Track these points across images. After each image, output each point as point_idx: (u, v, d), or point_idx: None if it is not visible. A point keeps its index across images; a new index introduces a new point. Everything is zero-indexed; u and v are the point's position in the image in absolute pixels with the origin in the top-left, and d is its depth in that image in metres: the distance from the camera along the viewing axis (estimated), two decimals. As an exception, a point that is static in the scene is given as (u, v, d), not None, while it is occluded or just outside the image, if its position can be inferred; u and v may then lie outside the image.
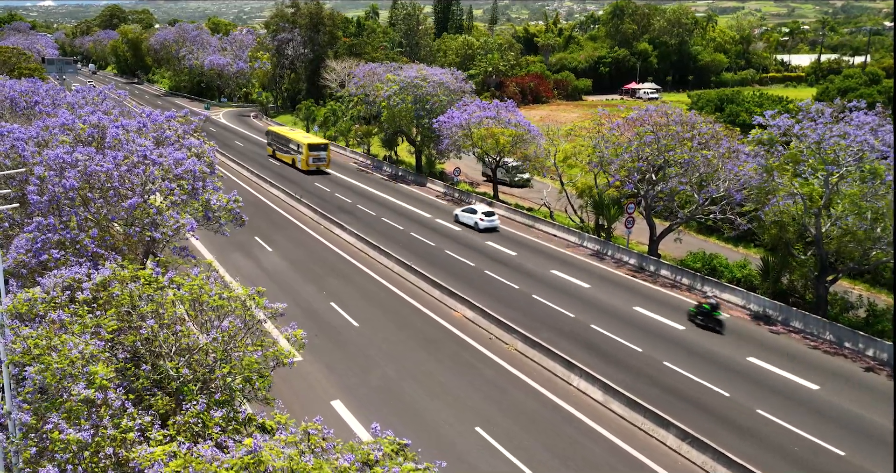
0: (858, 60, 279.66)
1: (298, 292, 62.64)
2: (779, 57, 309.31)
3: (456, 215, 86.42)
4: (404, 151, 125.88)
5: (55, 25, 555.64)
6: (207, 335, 27.50)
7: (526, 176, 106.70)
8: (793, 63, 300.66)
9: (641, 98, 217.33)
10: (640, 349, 52.66)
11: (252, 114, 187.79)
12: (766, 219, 60.96)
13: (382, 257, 71.15)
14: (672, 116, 71.06)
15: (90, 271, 30.78)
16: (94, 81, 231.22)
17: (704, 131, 68.50)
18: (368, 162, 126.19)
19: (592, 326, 56.59)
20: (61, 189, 38.71)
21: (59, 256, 36.65)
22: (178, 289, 29.01)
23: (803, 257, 59.40)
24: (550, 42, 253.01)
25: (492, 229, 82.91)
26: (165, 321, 27.40)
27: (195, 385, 26.78)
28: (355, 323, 56.37)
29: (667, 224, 74.94)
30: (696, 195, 69.13)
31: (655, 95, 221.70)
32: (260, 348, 28.07)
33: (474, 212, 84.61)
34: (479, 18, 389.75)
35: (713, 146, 67.70)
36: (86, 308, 26.73)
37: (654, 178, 70.95)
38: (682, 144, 68.62)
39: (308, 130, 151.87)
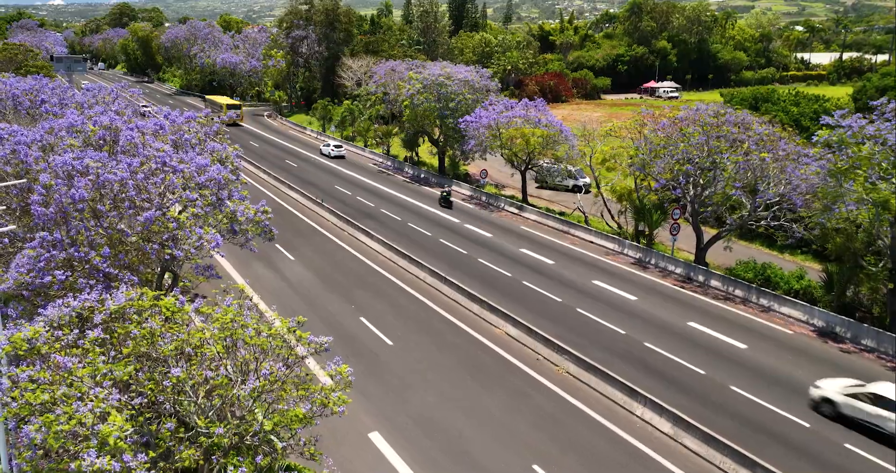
0: (881, 58, 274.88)
1: (325, 306, 58.01)
2: (798, 55, 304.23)
3: None
4: (425, 152, 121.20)
5: (64, 24, 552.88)
6: (244, 381, 22.86)
7: (582, 181, 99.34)
8: (812, 61, 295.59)
9: (661, 97, 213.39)
10: (702, 372, 47.98)
11: (266, 113, 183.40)
12: (829, 226, 56.29)
13: (413, 267, 66.43)
14: (724, 115, 66.31)
15: (102, 296, 26.28)
16: (102, 79, 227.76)
17: (761, 132, 63.75)
18: (389, 163, 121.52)
19: (646, 344, 51.90)
20: (69, 200, 34.00)
21: (64, 277, 32.06)
22: (206, 320, 24.49)
23: (874, 269, 54.54)
24: (569, 40, 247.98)
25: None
26: (193, 366, 22.78)
27: (228, 440, 22.19)
28: (389, 341, 51.65)
29: (712, 231, 70.34)
30: (744, 200, 64.57)
31: (675, 94, 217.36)
32: (305, 394, 23.44)
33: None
34: (489, 17, 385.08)
35: (769, 148, 62.95)
36: (97, 350, 22.04)
37: (701, 181, 66.28)
38: (736, 145, 64.02)
39: (324, 130, 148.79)
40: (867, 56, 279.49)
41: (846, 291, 57.70)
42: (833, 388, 43.23)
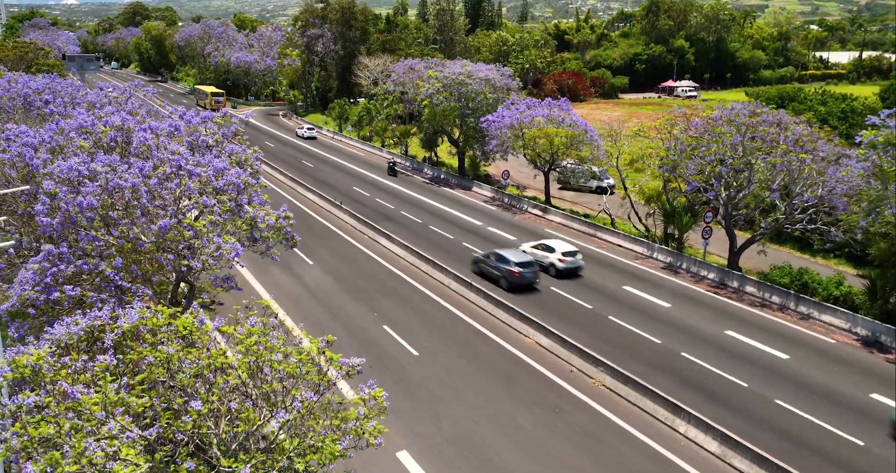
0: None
1: (346, 314, 55.69)
2: (816, 54, 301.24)
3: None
4: (444, 153, 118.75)
5: (77, 24, 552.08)
6: (272, 412, 20.53)
7: (606, 183, 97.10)
8: (831, 60, 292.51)
9: (679, 96, 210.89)
10: (745, 384, 45.52)
11: (281, 113, 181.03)
12: (872, 231, 53.81)
13: (436, 272, 64.04)
14: (761, 115, 63.89)
15: (115, 313, 24.04)
16: (115, 78, 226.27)
17: (799, 132, 61.28)
18: (408, 164, 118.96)
19: (684, 354, 49.47)
20: (76, 208, 31.74)
21: (73, 293, 29.78)
22: (228, 340, 22.21)
23: (922, 276, 52.11)
24: (586, 38, 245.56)
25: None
26: (215, 397, 20.45)
27: (255, 475, 19.90)
28: (414, 352, 49.26)
29: (743, 235, 67.89)
30: (778, 203, 62.16)
31: (694, 93, 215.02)
32: (338, 423, 21.14)
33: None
34: (503, 16, 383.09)
35: (808, 149, 60.50)
36: (108, 378, 19.70)
37: (734, 183, 63.84)
38: (773, 146, 61.63)
39: (341, 130, 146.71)
40: (886, 55, 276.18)
41: (890, 298, 55.21)
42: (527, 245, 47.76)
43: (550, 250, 65.50)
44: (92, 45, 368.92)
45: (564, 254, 64.45)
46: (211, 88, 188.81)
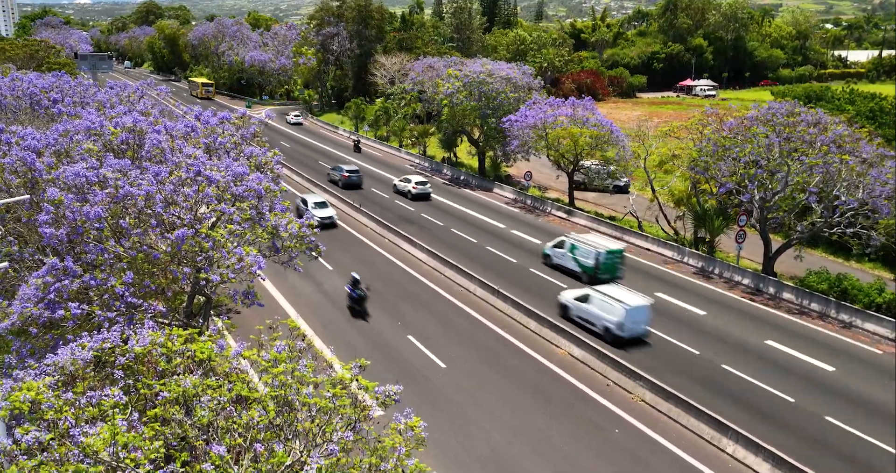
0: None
1: (368, 322, 53.24)
2: (835, 53, 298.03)
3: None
4: (463, 153, 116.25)
5: (90, 23, 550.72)
6: (304, 451, 18.11)
7: (623, 181, 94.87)
8: (850, 59, 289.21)
9: (698, 95, 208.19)
10: (791, 400, 43.06)
11: (294, 113, 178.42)
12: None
13: (460, 277, 61.53)
14: (799, 114, 61.40)
15: (124, 334, 21.72)
16: (128, 77, 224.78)
17: (840, 133, 58.75)
18: (426, 164, 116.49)
19: (724, 367, 46.99)
20: (83, 218, 29.36)
21: (79, 311, 27.38)
22: (251, 365, 19.86)
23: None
24: (604, 37, 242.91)
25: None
26: (239, 440, 18.03)
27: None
28: (441, 364, 46.76)
29: (776, 239, 65.40)
30: (815, 206, 59.69)
31: (712, 93, 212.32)
32: (377, 462, 18.78)
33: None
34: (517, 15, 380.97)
35: (849, 150, 57.99)
36: (117, 415, 17.30)
37: (770, 185, 61.33)
38: (811, 147, 59.16)
39: (357, 129, 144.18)
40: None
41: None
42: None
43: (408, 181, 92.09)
44: (105, 45, 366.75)
45: (417, 183, 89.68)
46: (202, 79, 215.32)
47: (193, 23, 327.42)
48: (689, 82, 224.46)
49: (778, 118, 61.18)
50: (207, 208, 32.12)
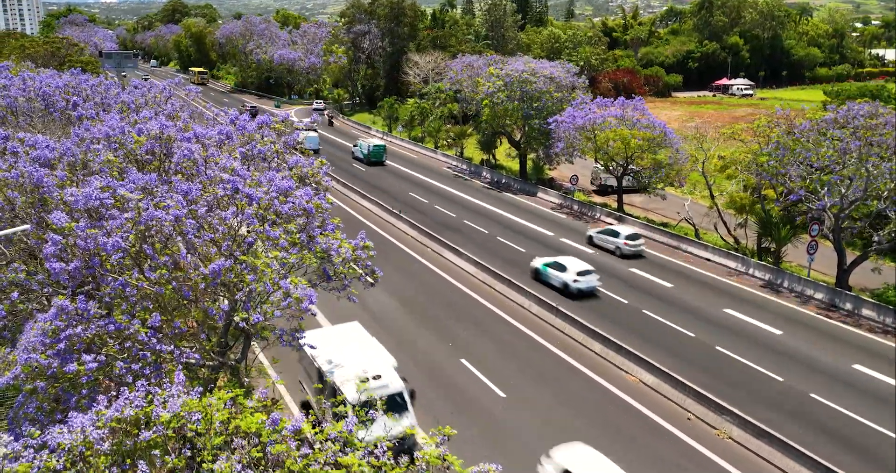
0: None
1: (416, 344, 48.82)
2: (871, 51, 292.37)
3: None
4: (502, 155, 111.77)
5: (116, 22, 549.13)
6: None
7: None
8: (888, 58, 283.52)
9: (735, 95, 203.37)
10: (893, 435, 38.57)
11: (326, 112, 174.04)
12: None
13: (513, 292, 57.12)
14: (882, 116, 56.90)
15: (151, 395, 17.56)
16: (154, 76, 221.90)
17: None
18: (465, 167, 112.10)
19: (814, 396, 42.51)
20: (99, 248, 24.87)
21: (96, 365, 22.95)
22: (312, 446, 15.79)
23: None
24: (638, 35, 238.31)
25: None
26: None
27: None
28: (500, 393, 42.32)
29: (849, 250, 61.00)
30: (891, 214, 55.26)
31: (750, 92, 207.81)
32: None
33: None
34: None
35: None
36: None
37: (846, 193, 56.85)
38: (891, 151, 54.75)
39: (391, 130, 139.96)
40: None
41: None
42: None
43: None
44: (131, 43, 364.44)
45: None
46: (198, 69, 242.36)
47: (220, 21, 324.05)
48: (725, 81, 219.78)
49: (859, 120, 56.64)
50: (247, 230, 27.41)
